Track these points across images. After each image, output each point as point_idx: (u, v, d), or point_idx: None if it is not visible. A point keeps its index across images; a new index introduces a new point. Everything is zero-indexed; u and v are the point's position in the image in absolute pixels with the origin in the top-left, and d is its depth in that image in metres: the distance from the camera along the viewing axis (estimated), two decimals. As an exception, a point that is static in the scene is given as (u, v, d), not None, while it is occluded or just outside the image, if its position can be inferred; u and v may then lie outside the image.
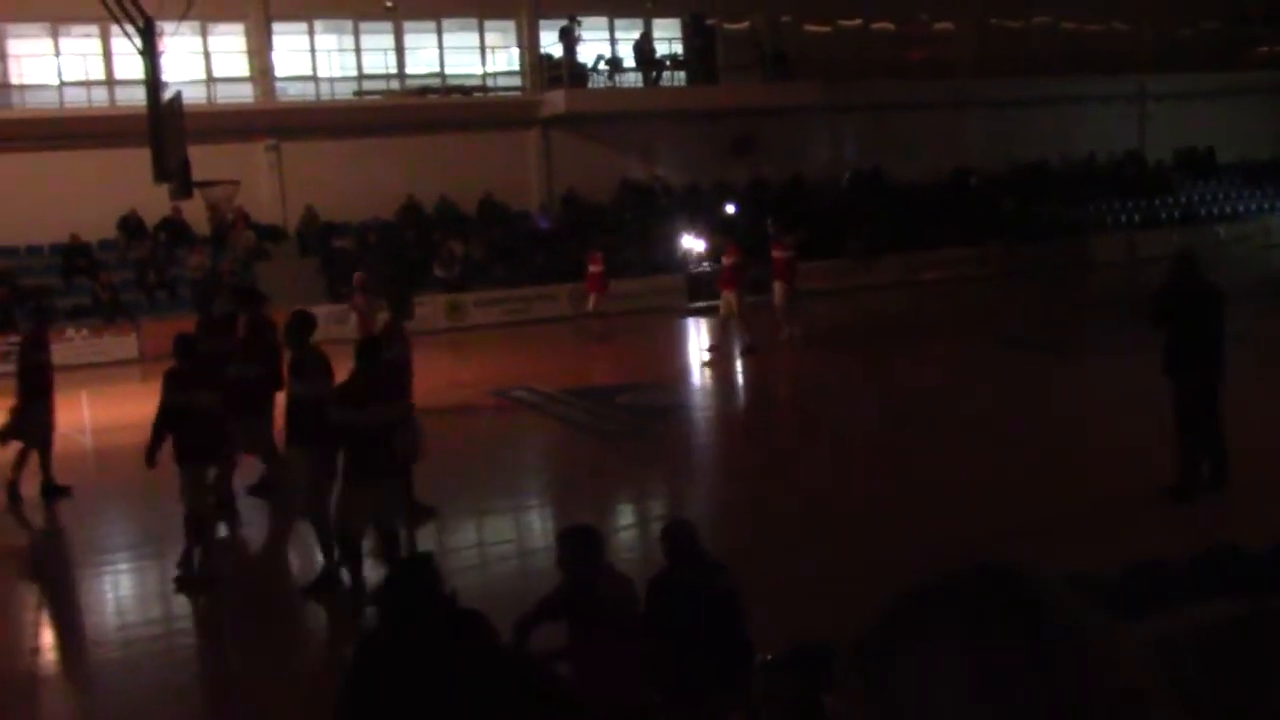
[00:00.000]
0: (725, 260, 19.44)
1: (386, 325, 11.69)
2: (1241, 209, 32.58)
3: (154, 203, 23.19)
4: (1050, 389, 15.24)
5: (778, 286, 19.73)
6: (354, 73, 28.07)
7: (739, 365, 18.66)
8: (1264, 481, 9.51)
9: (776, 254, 19.74)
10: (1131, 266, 26.93)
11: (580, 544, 5.64)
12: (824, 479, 11.56)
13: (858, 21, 31.62)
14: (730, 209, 27.76)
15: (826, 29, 31.30)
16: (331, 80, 27.85)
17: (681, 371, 19.52)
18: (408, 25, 28.31)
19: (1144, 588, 6.24)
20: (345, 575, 8.35)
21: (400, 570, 5.42)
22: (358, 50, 28.09)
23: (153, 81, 18.12)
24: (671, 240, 26.96)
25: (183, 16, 18.01)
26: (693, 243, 26.78)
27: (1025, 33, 33.09)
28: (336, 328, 22.69)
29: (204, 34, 26.25)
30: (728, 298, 19.02)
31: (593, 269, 22.21)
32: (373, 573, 8.13)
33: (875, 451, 12.61)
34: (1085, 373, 15.86)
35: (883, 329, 22.67)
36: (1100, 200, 31.62)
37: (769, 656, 5.48)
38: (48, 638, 8.75)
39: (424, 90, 28.32)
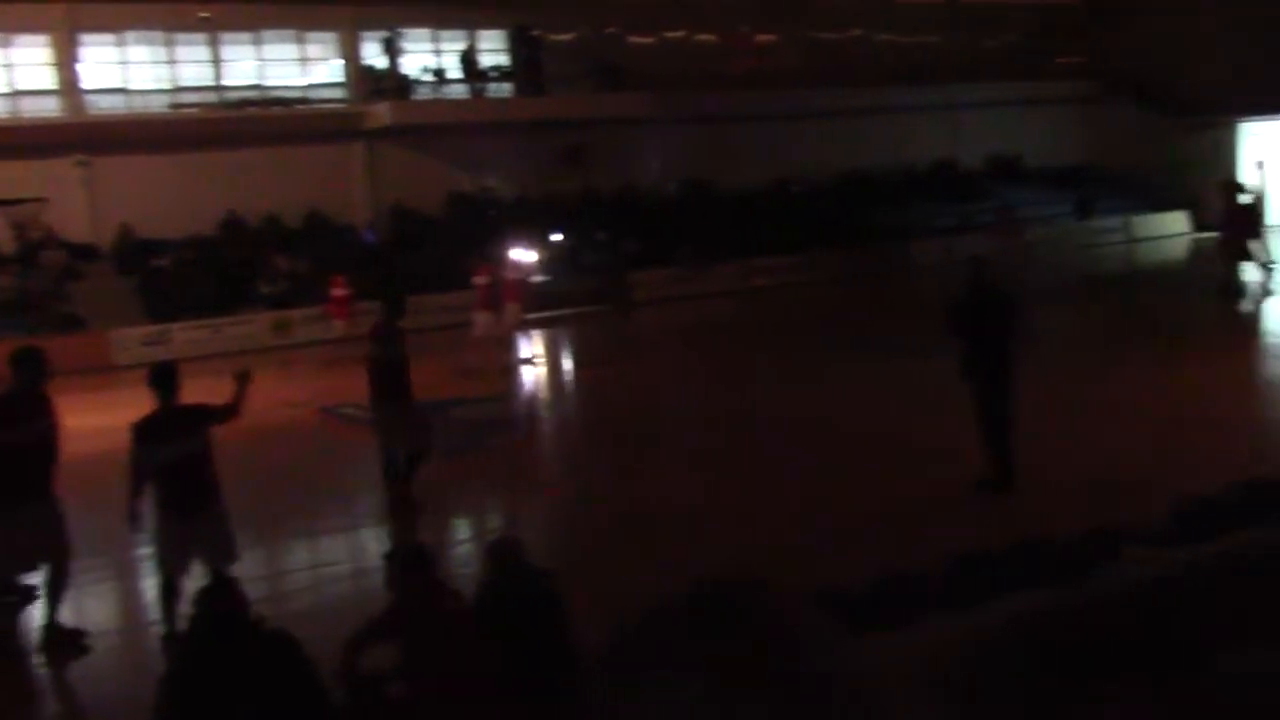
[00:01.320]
0: (478, 280, 19.20)
1: (377, 325, 11.32)
2: (1049, 213, 34.17)
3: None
4: (873, 390, 15.69)
5: (511, 308, 19.53)
6: (169, 85, 27.17)
7: (572, 376, 18.71)
8: (1058, 477, 10.00)
9: (510, 275, 19.55)
10: (949, 269, 27.92)
11: (407, 564, 5.60)
12: (654, 486, 11.66)
13: (683, 33, 32.09)
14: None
15: (652, 40, 31.69)
16: (145, 93, 26.89)
17: (516, 384, 19.45)
18: (225, 36, 27.56)
19: (963, 580, 6.49)
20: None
21: (202, 597, 5.32)
22: (172, 62, 27.20)
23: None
24: (502, 252, 26.85)
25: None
26: (523, 254, 26.73)
27: (844, 45, 34.09)
28: (150, 349, 21.95)
29: (5, 46, 25.08)
30: (482, 318, 18.98)
31: (336, 292, 21.58)
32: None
33: (701, 456, 12.78)
34: (905, 374, 16.37)
35: (713, 336, 23.03)
36: (918, 206, 32.77)
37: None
38: None
39: (243, 103, 27.60)
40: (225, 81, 27.81)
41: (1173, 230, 34.15)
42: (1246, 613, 5.80)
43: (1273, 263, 21.38)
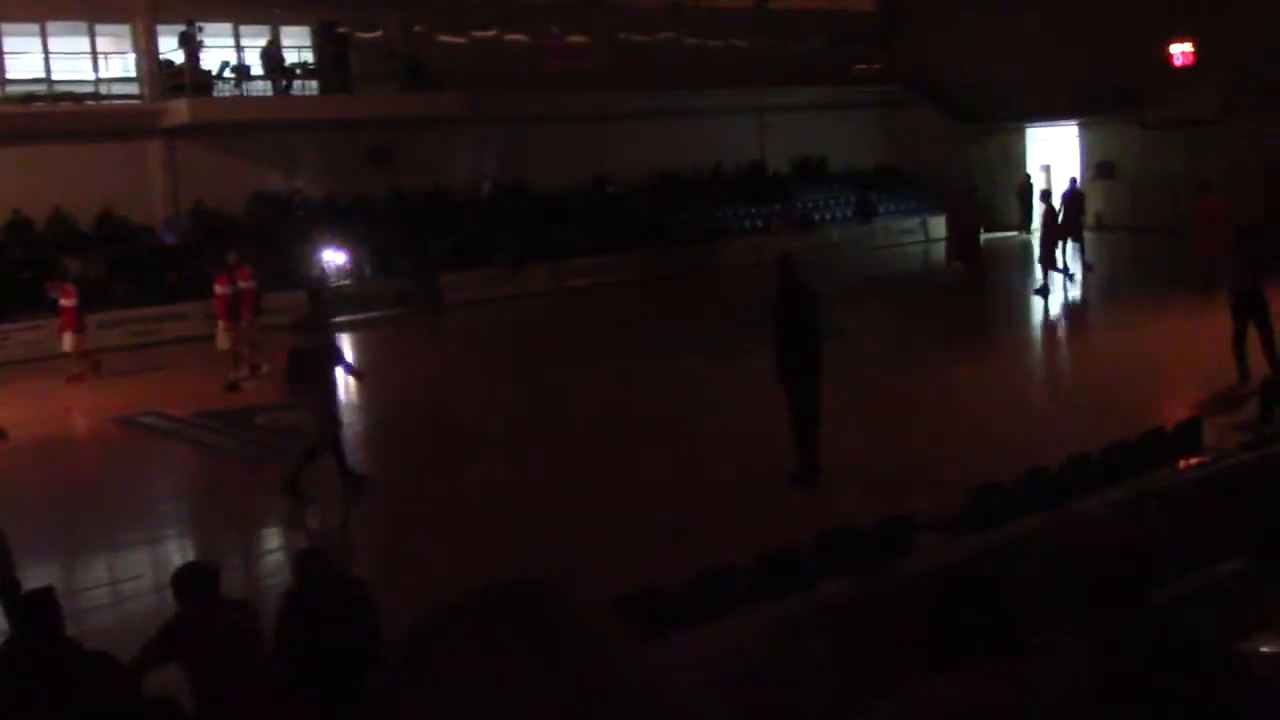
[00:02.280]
0: (218, 289, 18.49)
1: (305, 316, 11.64)
2: (851, 213, 35.31)
3: None
4: (684, 388, 15.96)
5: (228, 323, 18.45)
6: (-55, 77, 25.62)
7: (381, 380, 18.41)
8: (860, 466, 10.40)
9: (219, 289, 18.51)
10: (757, 268, 28.63)
11: (187, 579, 5.51)
12: (467, 485, 11.62)
13: (493, 32, 31.92)
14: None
15: (462, 40, 31.42)
16: (-81, 85, 25.29)
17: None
18: (7, 28, 26.10)
19: (773, 572, 6.68)
20: None
21: (21, 605, 5.11)
22: (-51, 53, 25.66)
23: None
24: (310, 254, 26.27)
25: None
26: (332, 256, 26.22)
27: (652, 47, 34.48)
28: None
29: None
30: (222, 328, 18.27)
31: (64, 303, 19.21)
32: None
33: (518, 455, 12.79)
34: (717, 371, 16.71)
35: (529, 336, 23.03)
36: (727, 207, 33.43)
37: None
38: None
39: (28, 97, 26.21)
40: (9, 75, 26.35)
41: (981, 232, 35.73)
42: (1032, 594, 6.14)
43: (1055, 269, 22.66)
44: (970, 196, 25.49)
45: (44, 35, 26.46)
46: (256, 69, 28.52)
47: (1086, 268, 23.91)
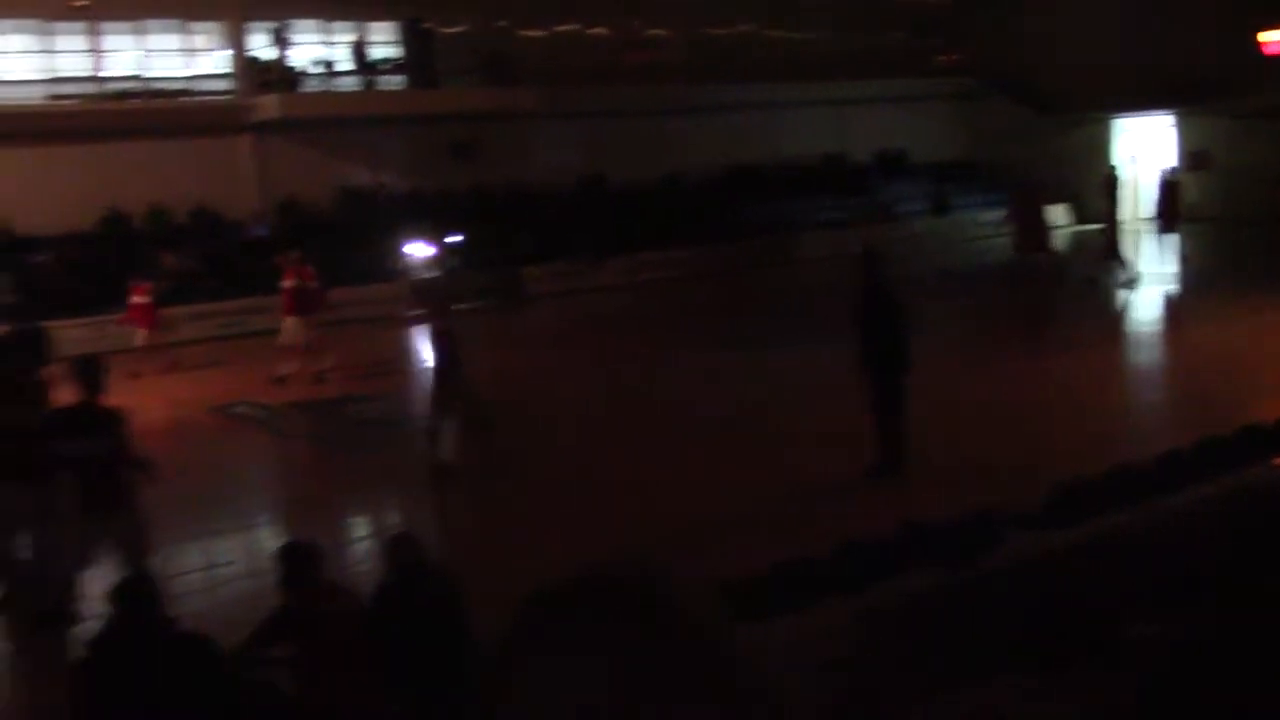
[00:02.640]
0: (284, 283, 18.30)
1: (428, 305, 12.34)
2: (932, 206, 34.97)
3: None
4: (763, 381, 15.96)
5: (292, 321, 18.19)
6: (45, 75, 26.39)
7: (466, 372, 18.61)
8: (946, 463, 10.35)
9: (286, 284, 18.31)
10: (836, 262, 28.48)
11: (296, 560, 5.62)
12: (547, 477, 11.75)
13: (574, 27, 32.12)
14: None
15: (544, 34, 31.67)
16: (21, 83, 26.07)
17: (409, 381, 19.34)
18: (105, 26, 26.83)
19: (852, 565, 6.71)
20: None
21: (120, 592, 5.29)
22: (50, 52, 26.42)
23: None
24: (394, 247, 26.66)
25: None
26: (416, 249, 26.57)
27: (733, 41, 34.45)
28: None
29: None
30: (289, 324, 18.07)
31: (137, 299, 19.83)
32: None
33: (596, 447, 12.90)
34: (797, 364, 16.68)
35: (608, 328, 23.15)
36: (806, 200, 33.29)
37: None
38: None
39: (124, 94, 26.91)
40: (106, 72, 27.08)
41: (1054, 223, 35.20)
42: (1120, 591, 6.11)
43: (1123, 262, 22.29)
44: (1034, 189, 25.16)
45: (140, 33, 27.14)
46: (344, 65, 28.99)
47: (1182, 260, 23.56)
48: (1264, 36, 30.16)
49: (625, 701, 0.95)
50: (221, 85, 28.43)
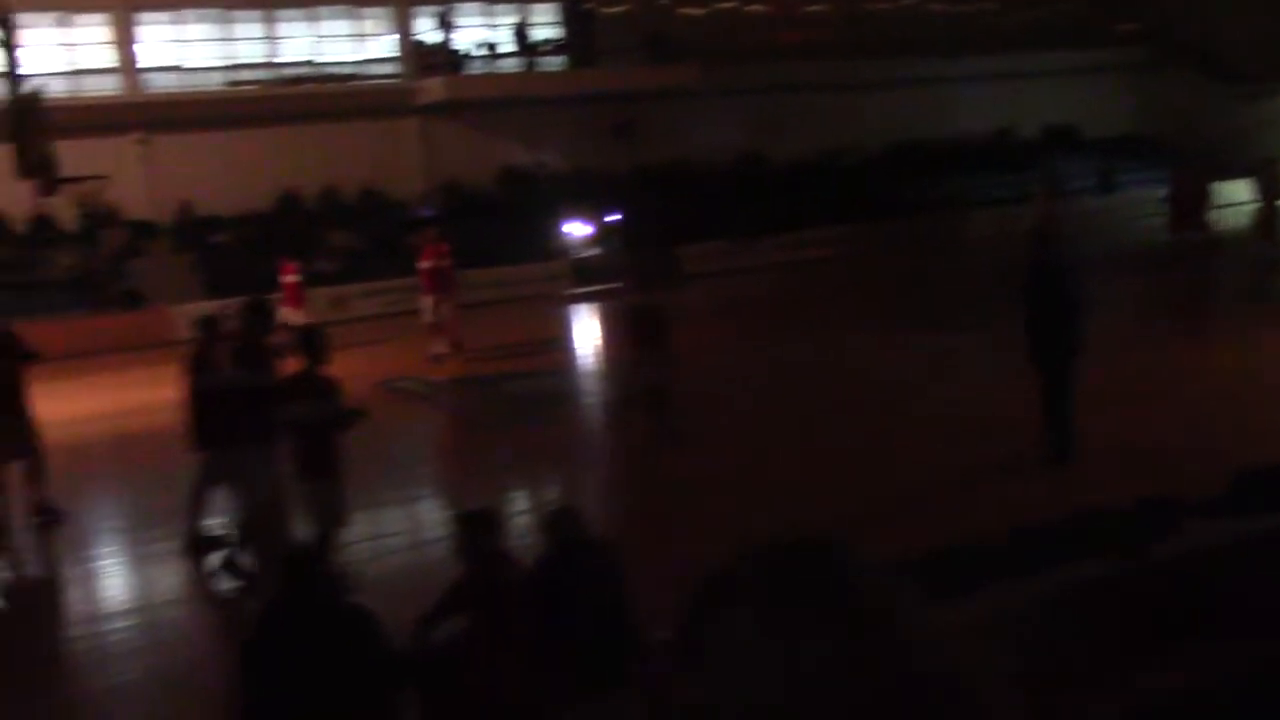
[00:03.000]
0: (422, 264, 18.33)
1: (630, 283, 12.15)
2: (1094, 183, 33.71)
3: (19, 201, 22.44)
4: (930, 361, 15.62)
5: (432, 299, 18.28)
6: (224, 62, 27.47)
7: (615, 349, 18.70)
8: (1119, 447, 9.94)
9: (424, 264, 18.36)
10: (1004, 240, 27.71)
11: (477, 530, 5.67)
12: (711, 459, 11.71)
13: (733, 3, 31.92)
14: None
15: (703, 11, 31.55)
16: (202, 70, 27.22)
17: (569, 358, 19.55)
18: (279, 13, 27.79)
19: (1021, 551, 6.50)
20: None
21: (286, 565, 5.40)
22: (228, 39, 27.49)
23: (11, 75, 17.53)
24: (554, 226, 26.98)
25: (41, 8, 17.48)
26: (576, 228, 26.82)
27: (896, 14, 33.75)
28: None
29: (65, 25, 25.43)
30: (428, 304, 18.17)
31: (287, 279, 20.12)
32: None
33: (762, 428, 12.80)
34: (963, 345, 16.29)
35: (767, 307, 22.99)
36: (974, 176, 32.45)
37: (666, 637, 5.60)
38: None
39: (297, 79, 27.84)
40: (280, 58, 28.05)
41: (1235, 199, 33.56)
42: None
43: None
44: (1195, 166, 23.99)
45: (312, 19, 28.03)
46: (506, 47, 29.41)
47: None
48: None
49: (809, 676, 0.94)
50: (389, 69, 29.17)
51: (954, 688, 0.96)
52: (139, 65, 26.59)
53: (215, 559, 9.11)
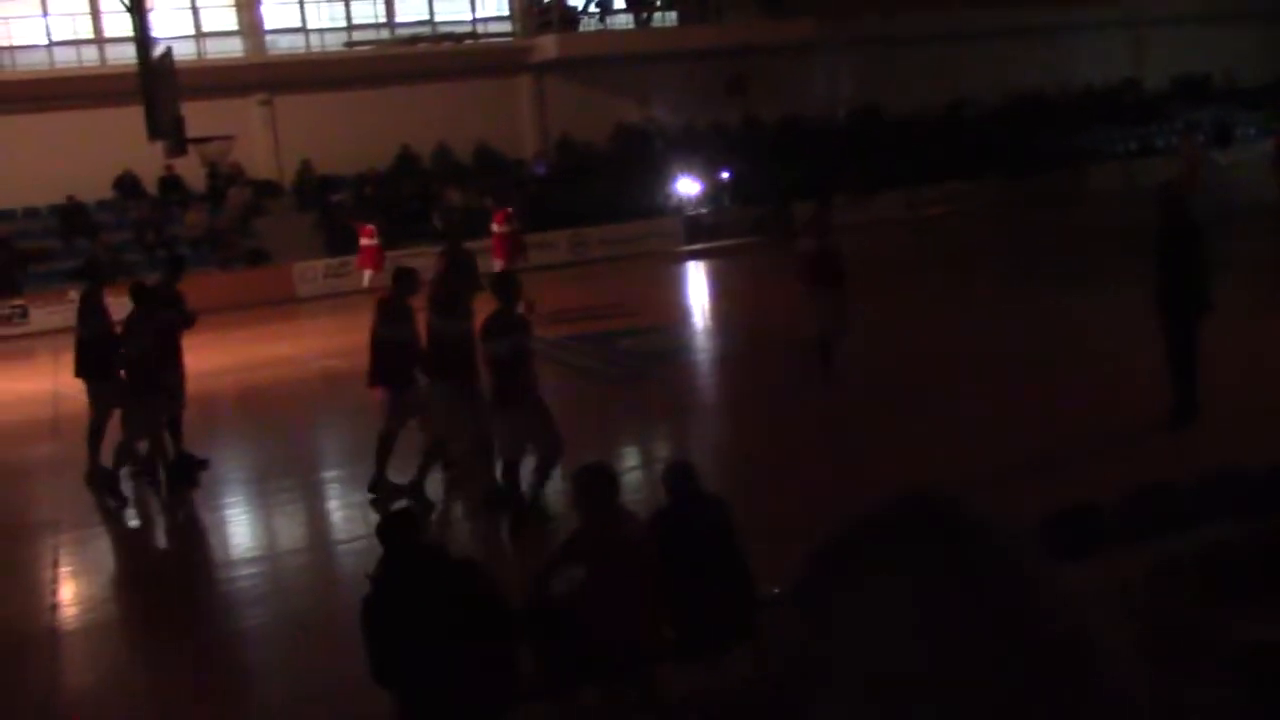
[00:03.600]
0: (495, 227, 18.20)
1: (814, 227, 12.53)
2: (1238, 134, 32.38)
3: (149, 161, 23.15)
4: (1055, 320, 15.28)
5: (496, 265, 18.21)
6: (344, 23, 27.89)
7: (738, 306, 18.67)
8: (1248, 407, 9.63)
9: (495, 229, 18.25)
10: (1129, 195, 26.87)
11: (596, 483, 5.74)
12: (825, 418, 11.65)
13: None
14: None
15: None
16: (321, 31, 27.68)
17: (681, 315, 19.57)
18: (396, -27, 28.10)
19: (1149, 511, 6.35)
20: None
21: (384, 525, 5.59)
22: (347, 0, 27.89)
23: (142, 38, 18.03)
24: (667, 182, 26.92)
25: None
26: (689, 185, 26.73)
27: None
28: (331, 281, 22.79)
29: (191, -12, 26.06)
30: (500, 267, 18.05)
31: (364, 241, 20.32)
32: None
33: (880, 388, 12.67)
34: (1089, 304, 15.89)
35: (885, 265, 22.64)
36: (1097, 129, 31.48)
37: (777, 590, 5.61)
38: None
39: (414, 39, 28.15)
40: (397, 19, 28.38)
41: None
42: None
43: None
44: None
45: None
46: (618, 3, 29.32)
47: None
48: None
49: (938, 636, 0.92)
50: (503, 27, 29.32)
51: (1086, 650, 0.94)
52: (262, 27, 27.13)
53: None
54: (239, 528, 9.96)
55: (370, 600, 5.22)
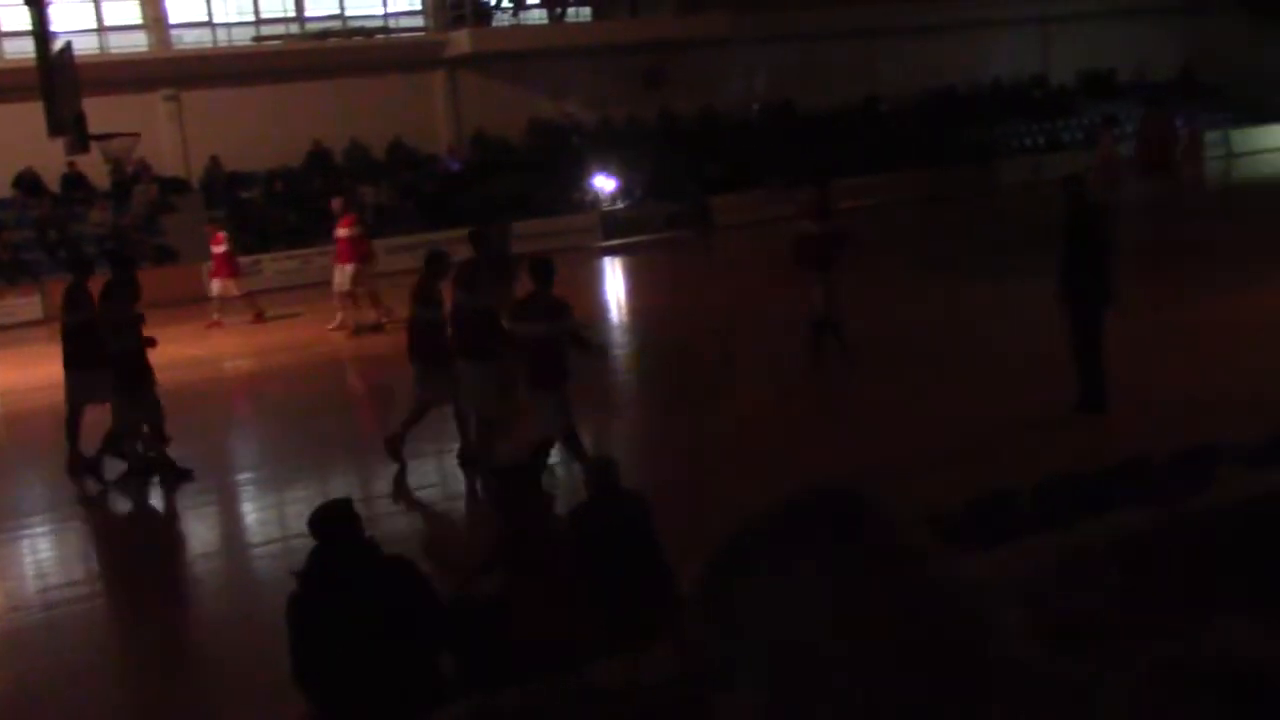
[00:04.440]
0: (342, 231, 17.55)
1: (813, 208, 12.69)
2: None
3: (50, 159, 22.53)
4: (964, 311, 15.50)
5: (340, 269, 17.69)
6: (251, 17, 27.40)
7: (656, 301, 18.67)
8: (1154, 399, 9.85)
9: (340, 232, 17.63)
10: (1038, 188, 27.37)
11: (515, 484, 5.68)
12: (739, 411, 11.69)
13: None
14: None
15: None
16: (229, 26, 27.16)
17: (599, 311, 19.52)
18: (306, -33, 27.67)
19: (1061, 500, 6.45)
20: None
21: (317, 517, 5.38)
22: (256, -7, 27.44)
23: (41, 32, 17.53)
24: (583, 178, 26.86)
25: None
26: (605, 181, 26.70)
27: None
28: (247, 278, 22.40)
29: (93, -19, 25.42)
30: (343, 270, 17.59)
31: (216, 249, 19.19)
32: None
33: (791, 379, 12.76)
34: (997, 294, 16.15)
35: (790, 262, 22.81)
36: (1006, 124, 32.02)
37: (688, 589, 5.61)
38: None
39: (325, 33, 27.75)
40: (307, 13, 27.95)
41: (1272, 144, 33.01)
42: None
43: None
44: (1165, 111, 23.90)
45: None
46: (533, -2, 29.20)
47: None
48: None
49: (838, 623, 0.93)
50: (416, 22, 29.01)
51: (980, 636, 0.95)
52: (168, 21, 26.55)
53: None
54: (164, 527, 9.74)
55: (296, 598, 5.05)
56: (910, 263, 19.94)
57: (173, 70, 25.70)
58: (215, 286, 19.53)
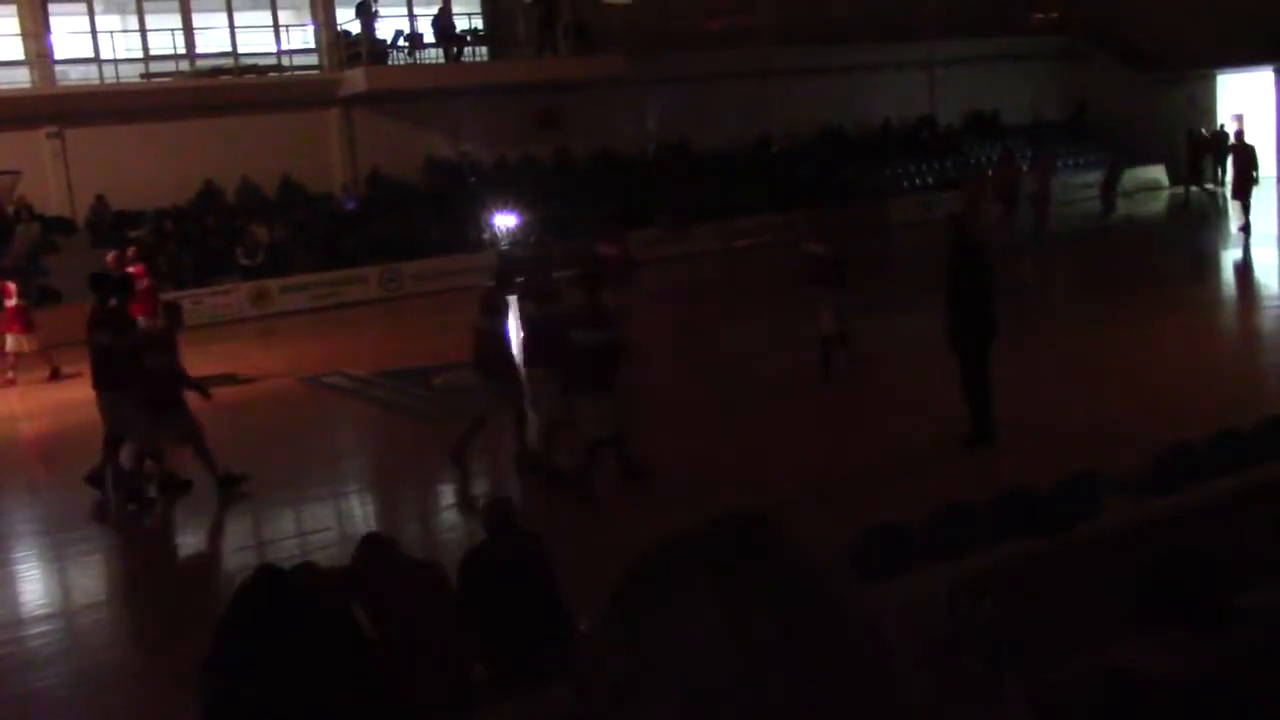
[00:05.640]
0: (143, 282, 17.07)
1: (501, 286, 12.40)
2: (1026, 169, 34.16)
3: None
4: (861, 345, 15.73)
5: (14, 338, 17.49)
6: (139, 54, 26.90)
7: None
8: (1042, 427, 10.11)
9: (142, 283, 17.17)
10: (926, 226, 28.00)
11: (370, 549, 5.64)
12: (643, 448, 11.71)
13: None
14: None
15: (626, 0, 31.43)
16: (116, 62, 26.63)
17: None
18: (196, 3, 27.26)
19: (951, 530, 6.57)
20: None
21: (258, 574, 5.20)
22: (143, 30, 26.92)
23: (-83, 67, 17.02)
24: (484, 217, 26.80)
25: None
26: (503, 219, 26.67)
27: (820, 1, 33.89)
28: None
29: (-28, 16, 24.77)
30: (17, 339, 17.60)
31: (8, 303, 18.06)
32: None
33: (693, 415, 12.82)
34: (886, 329, 16.44)
35: (693, 296, 23.04)
36: (896, 164, 32.74)
37: (583, 627, 5.59)
38: None
39: (216, 71, 27.34)
40: (198, 50, 27.53)
41: (1151, 182, 34.28)
42: (1229, 560, 5.88)
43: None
44: (1011, 154, 26.61)
45: (230, 9, 27.53)
46: (429, 37, 29.13)
47: (1243, 229, 22.10)
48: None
49: (743, 653, 0.93)
50: (309, 60, 28.76)
51: (882, 663, 0.96)
52: (52, 57, 25.95)
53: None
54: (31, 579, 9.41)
55: (215, 650, 4.86)
56: (796, 301, 20.19)
57: (56, 107, 25.10)
58: (9, 342, 18.06)
